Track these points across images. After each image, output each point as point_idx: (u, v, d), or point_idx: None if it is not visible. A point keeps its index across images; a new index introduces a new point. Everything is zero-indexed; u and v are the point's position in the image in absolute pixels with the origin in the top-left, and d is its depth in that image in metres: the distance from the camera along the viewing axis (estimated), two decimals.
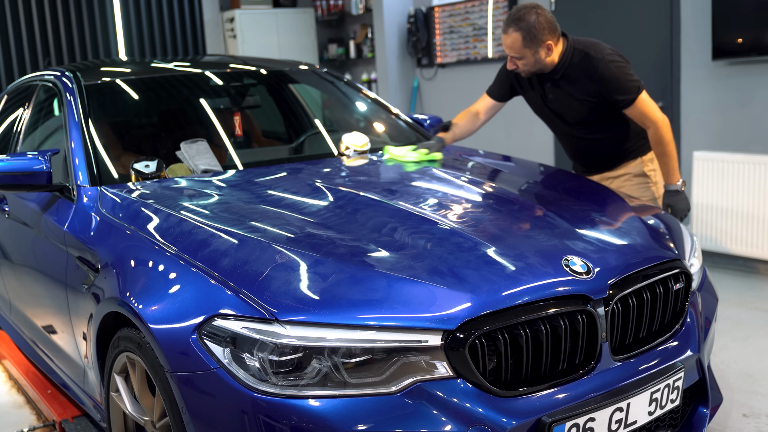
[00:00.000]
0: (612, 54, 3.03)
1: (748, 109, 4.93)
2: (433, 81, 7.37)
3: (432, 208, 2.42)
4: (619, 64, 3.01)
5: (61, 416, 3.05)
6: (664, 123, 3.04)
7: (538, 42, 2.99)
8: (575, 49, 3.06)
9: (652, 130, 3.05)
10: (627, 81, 2.99)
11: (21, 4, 7.21)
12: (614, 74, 2.98)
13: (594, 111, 3.11)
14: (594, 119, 3.15)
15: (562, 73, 3.09)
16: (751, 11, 4.70)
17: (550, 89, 3.16)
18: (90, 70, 3.47)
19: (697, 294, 2.43)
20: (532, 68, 3.08)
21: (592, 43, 3.08)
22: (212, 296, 1.94)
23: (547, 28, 2.99)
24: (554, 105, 3.20)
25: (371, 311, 1.84)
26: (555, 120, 3.27)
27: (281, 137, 3.97)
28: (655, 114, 3.03)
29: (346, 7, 8.20)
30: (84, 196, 2.72)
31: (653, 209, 2.75)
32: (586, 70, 3.03)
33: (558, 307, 1.94)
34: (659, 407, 2.08)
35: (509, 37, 3.01)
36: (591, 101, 3.08)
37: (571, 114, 3.17)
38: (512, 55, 3.07)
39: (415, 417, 1.78)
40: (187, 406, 1.89)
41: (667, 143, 3.06)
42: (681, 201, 3.12)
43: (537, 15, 2.97)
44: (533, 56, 3.02)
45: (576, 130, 3.23)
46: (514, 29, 2.99)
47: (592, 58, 3.02)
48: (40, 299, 2.98)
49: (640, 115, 3.03)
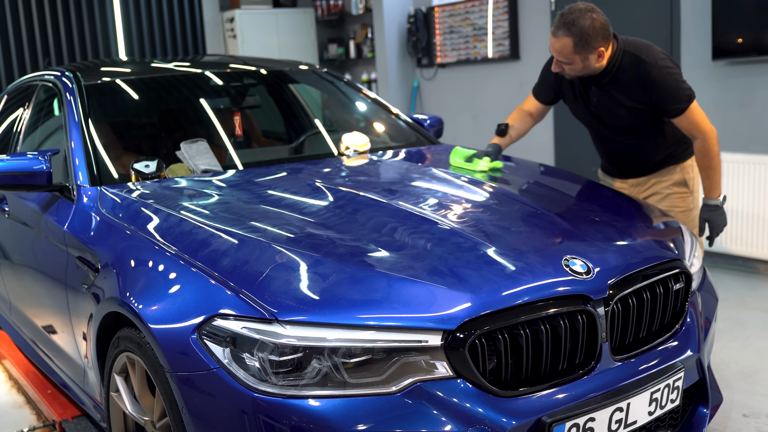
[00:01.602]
0: (665, 59, 2.85)
1: (748, 109, 4.93)
2: (433, 81, 7.37)
3: (432, 208, 2.42)
4: (672, 70, 2.83)
5: (61, 416, 3.05)
6: (713, 134, 2.87)
7: (590, 48, 2.79)
8: (625, 51, 2.87)
9: (699, 141, 2.88)
10: (680, 89, 2.82)
11: (21, 4, 7.21)
12: (667, 81, 2.81)
13: (641, 118, 2.95)
14: (638, 126, 2.99)
15: (610, 77, 2.91)
16: (751, 11, 4.70)
17: (595, 93, 2.99)
18: (90, 70, 3.47)
19: (697, 294, 2.43)
20: (579, 73, 2.90)
21: (644, 45, 2.89)
22: (212, 296, 1.94)
23: (601, 35, 2.78)
24: (597, 109, 3.02)
25: (371, 311, 1.84)
26: (597, 124, 3.10)
27: (281, 137, 3.97)
28: (704, 125, 2.86)
29: (346, 7, 8.20)
30: (84, 196, 2.72)
31: (653, 209, 2.75)
32: (638, 76, 2.85)
33: (558, 307, 1.94)
34: (659, 407, 2.08)
35: (559, 41, 2.81)
36: (639, 108, 2.91)
37: (615, 119, 3.00)
38: (560, 60, 2.87)
39: (415, 417, 1.78)
40: (187, 406, 1.89)
41: (713, 156, 2.90)
42: (719, 217, 2.98)
43: (592, 20, 2.76)
44: (582, 62, 2.83)
45: (618, 135, 3.07)
46: (565, 33, 2.78)
47: (644, 62, 2.83)
48: (40, 299, 2.98)
49: (690, 125, 2.86)
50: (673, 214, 3.06)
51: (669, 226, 2.57)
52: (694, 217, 3.11)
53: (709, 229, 3.01)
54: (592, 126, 3.15)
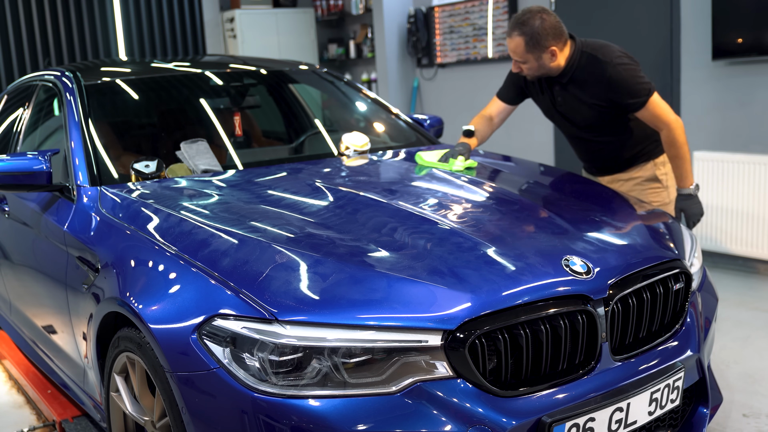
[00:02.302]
0: (621, 56, 2.95)
1: (748, 109, 4.93)
2: (433, 81, 7.37)
3: (432, 208, 2.42)
4: (628, 66, 2.93)
5: (61, 416, 3.05)
6: (678, 125, 2.95)
7: (542, 47, 2.93)
8: (583, 52, 2.99)
9: (665, 132, 2.97)
10: (637, 84, 2.91)
11: (21, 4, 7.21)
12: (623, 77, 2.91)
13: (603, 114, 3.04)
14: (604, 122, 3.08)
15: (570, 77, 3.02)
16: (751, 11, 4.70)
17: (558, 93, 3.10)
18: (90, 70, 3.47)
19: (697, 294, 2.43)
20: (536, 72, 3.03)
21: (601, 45, 3.00)
22: (212, 296, 1.94)
23: (551, 34, 2.92)
24: (563, 108, 3.14)
25: (371, 311, 1.84)
26: (565, 123, 3.21)
27: (281, 137, 3.97)
28: (668, 116, 2.95)
29: (346, 7, 8.20)
30: (84, 196, 2.72)
31: (653, 209, 2.74)
32: (595, 74, 2.96)
33: (558, 307, 1.94)
34: (659, 407, 2.08)
35: (513, 41, 2.96)
36: (600, 105, 3.01)
37: (580, 118, 3.11)
38: (516, 59, 3.02)
39: (415, 417, 1.78)
40: (187, 406, 1.89)
41: (680, 146, 2.97)
42: (694, 205, 3.05)
43: (541, 20, 2.91)
44: (536, 61, 2.97)
45: (586, 133, 3.17)
46: (518, 33, 2.94)
47: (600, 61, 2.94)
48: (40, 299, 2.98)
49: (653, 117, 2.95)
50: None
51: (669, 226, 2.57)
52: (670, 210, 3.17)
53: (685, 219, 3.07)
54: (561, 125, 3.26)
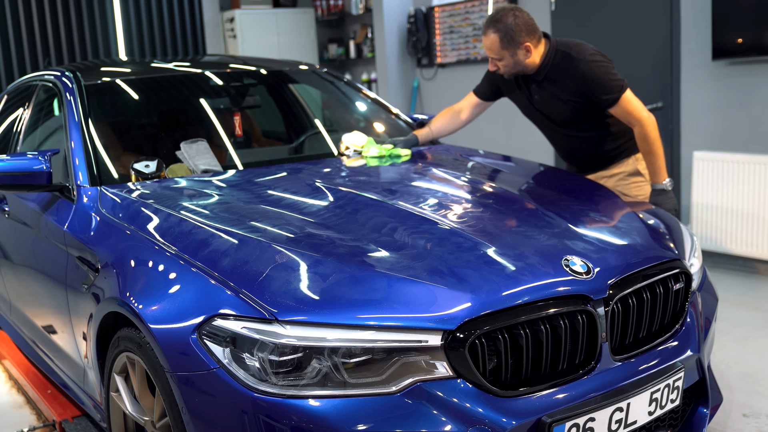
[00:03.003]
0: (594, 54, 3.04)
1: (748, 109, 4.93)
2: (433, 81, 7.37)
3: (432, 208, 2.42)
4: (600, 63, 3.01)
5: (61, 416, 3.05)
6: (650, 121, 3.02)
7: (516, 44, 3.01)
8: (557, 50, 3.08)
9: (637, 128, 3.05)
10: (609, 80, 2.99)
11: (21, 4, 7.21)
12: (596, 74, 2.99)
13: (579, 110, 3.11)
14: (580, 118, 3.15)
15: (544, 75, 3.10)
16: (751, 11, 4.70)
17: (535, 90, 3.18)
18: (90, 70, 3.47)
19: (697, 294, 2.43)
20: (512, 69, 3.10)
21: (574, 43, 3.09)
22: (212, 296, 1.94)
23: (525, 30, 3.01)
24: (540, 106, 3.21)
25: (371, 311, 1.84)
26: (543, 120, 3.28)
27: (281, 137, 3.97)
28: (640, 112, 3.02)
29: (346, 7, 8.20)
30: (84, 196, 2.72)
31: (653, 209, 2.74)
32: (568, 71, 3.04)
33: (558, 307, 1.94)
34: (659, 407, 2.08)
35: (488, 38, 3.05)
36: (575, 101, 3.08)
37: (557, 114, 3.18)
38: (492, 57, 3.10)
39: (415, 417, 1.78)
40: (187, 406, 1.89)
41: (652, 141, 3.04)
42: (668, 200, 3.10)
43: (515, 17, 3.00)
44: (512, 57, 3.05)
45: (564, 129, 3.24)
46: (492, 31, 3.02)
47: (573, 58, 3.03)
48: (40, 299, 2.98)
49: (625, 113, 3.03)
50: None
51: (669, 226, 2.57)
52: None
53: None
54: (539, 122, 3.32)
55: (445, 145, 3.55)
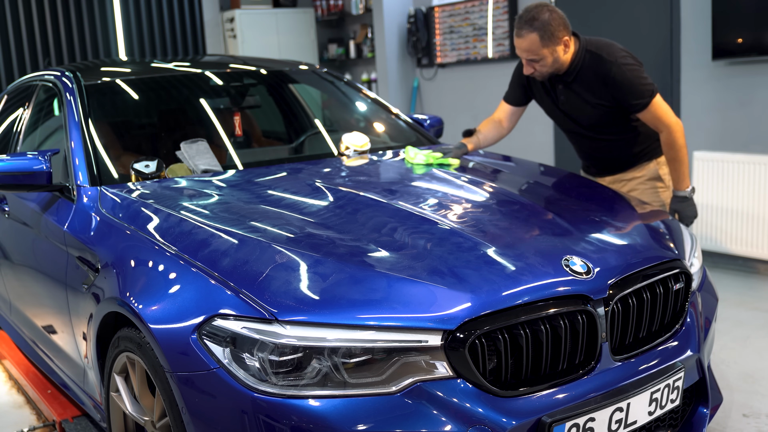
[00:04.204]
0: (625, 56, 2.94)
1: (748, 109, 4.93)
2: (433, 81, 7.37)
3: (432, 208, 2.42)
4: (631, 67, 2.92)
5: (61, 416, 3.05)
6: (678, 127, 2.95)
7: (556, 39, 2.89)
8: (587, 50, 2.98)
9: (664, 134, 2.96)
10: (640, 84, 2.90)
11: (21, 4, 7.21)
12: (627, 78, 2.89)
13: (606, 114, 3.03)
14: (606, 122, 3.07)
15: (574, 76, 3.00)
16: (751, 11, 4.70)
17: (561, 91, 3.08)
18: (90, 70, 3.47)
19: (697, 294, 2.43)
20: (549, 69, 2.98)
21: (605, 44, 2.99)
22: (212, 296, 1.94)
23: (562, 24, 2.90)
24: (566, 107, 3.12)
25: (371, 311, 1.84)
26: (567, 122, 3.19)
27: (281, 137, 3.97)
28: (668, 118, 2.94)
29: (346, 7, 8.20)
30: (84, 196, 2.72)
31: (653, 209, 2.74)
32: (599, 74, 2.94)
33: (558, 307, 1.94)
34: (659, 407, 2.08)
35: (525, 39, 2.90)
36: (603, 105, 3.00)
37: (582, 117, 3.10)
38: (530, 58, 2.95)
39: (415, 417, 1.78)
40: (187, 406, 1.89)
41: (679, 148, 2.96)
42: (689, 208, 3.04)
43: (550, 12, 2.88)
44: (552, 56, 2.92)
45: (588, 132, 3.15)
46: (529, 30, 2.89)
47: (604, 60, 2.92)
48: (40, 299, 2.98)
49: (654, 119, 2.95)
50: None
51: (669, 226, 2.57)
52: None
53: (680, 220, 3.05)
54: (564, 124, 3.23)
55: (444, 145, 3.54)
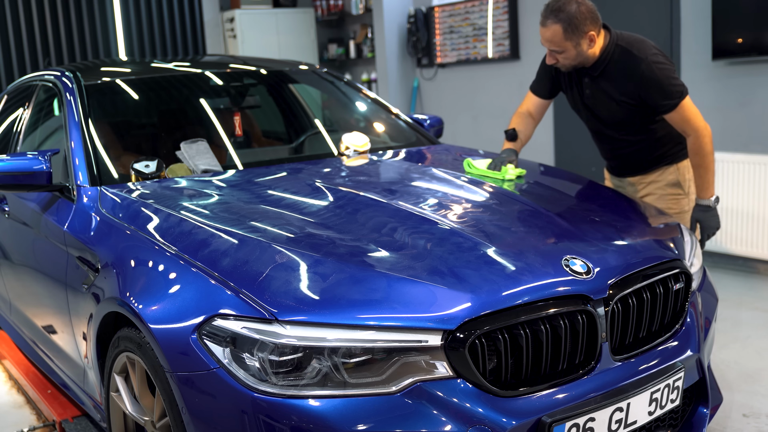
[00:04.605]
0: (656, 54, 2.83)
1: (748, 109, 4.93)
2: (433, 81, 7.37)
3: (432, 208, 2.42)
4: (663, 66, 2.81)
5: (61, 416, 3.05)
6: (706, 132, 2.83)
7: (580, 33, 2.80)
8: (617, 44, 2.87)
9: (692, 138, 2.85)
10: (670, 84, 2.79)
11: (21, 4, 7.21)
12: (657, 77, 2.79)
13: (631, 113, 2.93)
14: (630, 121, 2.97)
15: (601, 70, 2.90)
16: (751, 11, 4.70)
17: (587, 84, 2.98)
18: (90, 70, 3.47)
19: (697, 294, 2.43)
20: (573, 62, 2.89)
21: (636, 39, 2.88)
22: (212, 296, 1.94)
23: (589, 18, 2.80)
24: (590, 102, 3.02)
25: (371, 311, 1.84)
26: (590, 117, 3.09)
27: (281, 137, 3.97)
28: (697, 122, 2.83)
29: (346, 7, 8.20)
30: (84, 196, 2.72)
31: (653, 209, 2.74)
32: (627, 70, 2.84)
33: (558, 307, 1.94)
34: (659, 407, 2.08)
35: (548, 29, 2.82)
36: (629, 103, 2.90)
37: (606, 113, 3.00)
38: (552, 49, 2.87)
39: (415, 417, 1.78)
40: (187, 406, 1.89)
41: (705, 154, 2.85)
42: (712, 218, 2.93)
43: (578, 4, 2.79)
44: (575, 48, 2.83)
45: (609, 130, 3.07)
46: (554, 21, 2.79)
47: (634, 56, 2.82)
48: (40, 299, 2.98)
49: (682, 121, 2.83)
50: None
51: (669, 226, 2.57)
52: (687, 219, 3.07)
53: (700, 230, 2.96)
54: (587, 119, 3.14)
55: (445, 145, 3.55)
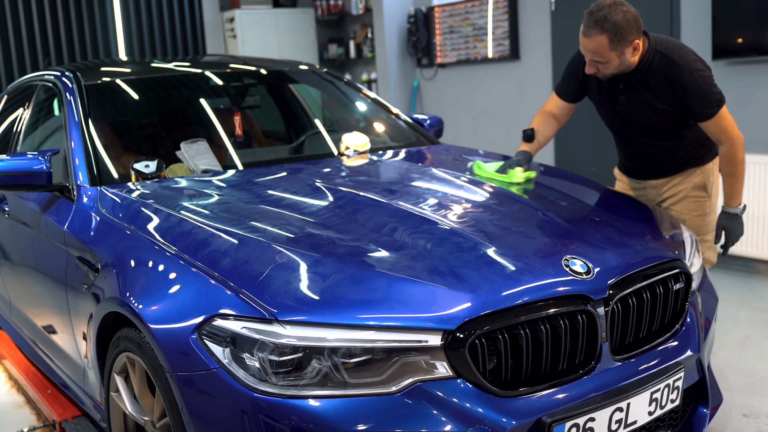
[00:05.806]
0: (696, 61, 2.75)
1: (748, 109, 4.93)
2: (433, 81, 7.37)
3: (432, 208, 2.42)
4: (703, 73, 2.73)
5: (61, 416, 3.05)
6: (740, 141, 2.79)
7: (626, 42, 2.68)
8: (656, 50, 2.77)
9: (726, 146, 2.80)
10: (710, 93, 2.72)
11: (21, 4, 7.21)
12: (698, 84, 2.71)
13: (667, 120, 2.85)
14: (664, 129, 2.89)
15: (640, 77, 2.81)
16: (751, 11, 4.70)
17: (622, 91, 2.87)
18: (90, 70, 3.47)
19: (697, 294, 2.43)
20: (614, 71, 2.78)
21: (675, 45, 2.79)
22: (212, 296, 1.94)
23: (634, 26, 2.68)
24: (624, 109, 2.91)
25: (371, 311, 1.84)
26: (621, 124, 2.99)
27: (281, 137, 3.97)
28: (733, 130, 2.77)
29: (346, 7, 8.20)
30: (84, 196, 2.72)
31: (653, 209, 2.74)
32: (668, 77, 2.75)
33: (558, 307, 1.94)
34: (659, 407, 2.08)
35: (592, 40, 2.69)
36: (667, 111, 2.81)
37: (642, 120, 2.90)
38: (594, 60, 2.75)
39: (415, 417, 1.78)
40: (187, 406, 1.89)
41: (738, 163, 2.82)
42: (737, 226, 2.89)
43: (624, 13, 2.66)
44: (619, 58, 2.72)
45: (641, 137, 2.97)
46: (598, 31, 2.66)
47: (674, 63, 2.73)
48: (40, 299, 2.98)
49: (717, 130, 2.77)
50: (688, 218, 3.00)
51: (669, 226, 2.57)
52: (709, 222, 3.03)
53: (725, 238, 2.93)
54: (617, 126, 3.03)
55: (445, 145, 3.54)
